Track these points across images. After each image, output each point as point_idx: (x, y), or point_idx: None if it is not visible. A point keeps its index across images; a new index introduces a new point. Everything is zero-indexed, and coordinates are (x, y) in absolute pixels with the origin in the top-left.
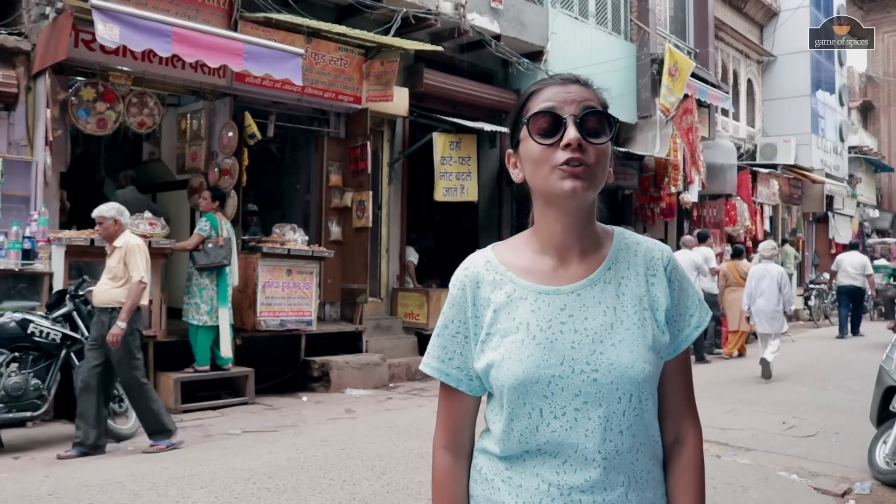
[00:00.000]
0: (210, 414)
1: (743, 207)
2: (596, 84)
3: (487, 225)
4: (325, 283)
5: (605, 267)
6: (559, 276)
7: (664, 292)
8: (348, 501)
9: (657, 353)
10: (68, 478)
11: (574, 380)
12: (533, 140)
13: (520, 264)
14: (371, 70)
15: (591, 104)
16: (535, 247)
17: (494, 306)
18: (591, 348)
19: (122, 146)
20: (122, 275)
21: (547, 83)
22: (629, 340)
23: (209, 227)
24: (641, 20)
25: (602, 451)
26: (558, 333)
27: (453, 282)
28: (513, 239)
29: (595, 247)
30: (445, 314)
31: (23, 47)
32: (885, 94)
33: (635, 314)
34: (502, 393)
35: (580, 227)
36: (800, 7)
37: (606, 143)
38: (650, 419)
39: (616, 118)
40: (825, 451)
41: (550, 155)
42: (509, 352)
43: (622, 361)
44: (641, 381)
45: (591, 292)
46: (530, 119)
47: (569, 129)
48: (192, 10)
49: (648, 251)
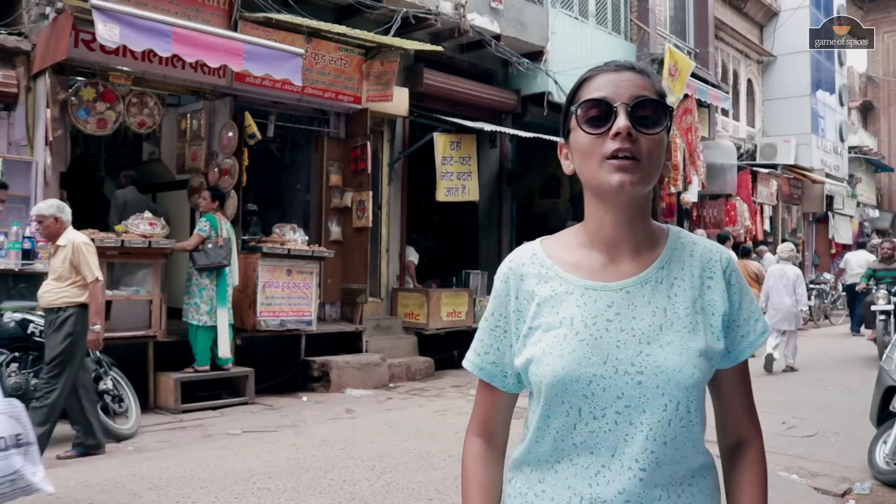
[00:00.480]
0: (210, 414)
1: (743, 207)
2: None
3: (487, 225)
4: (325, 283)
5: (657, 266)
6: (608, 273)
7: (722, 296)
8: (348, 501)
9: (709, 359)
10: (68, 478)
11: (617, 381)
12: (582, 129)
13: (568, 258)
14: (371, 70)
15: (644, 93)
16: (584, 241)
17: (538, 300)
18: (638, 349)
19: (122, 146)
20: (68, 275)
21: (600, 70)
22: (678, 343)
23: (209, 228)
24: (641, 20)
25: (640, 460)
26: (603, 331)
27: (498, 274)
28: (562, 233)
29: (649, 244)
30: (488, 307)
31: (23, 47)
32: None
33: (687, 317)
34: (541, 389)
35: (631, 222)
36: (800, 7)
37: (660, 133)
38: (697, 433)
39: (672, 107)
40: (825, 451)
41: (599, 145)
42: (550, 347)
43: (670, 364)
44: (690, 386)
45: (642, 291)
46: (580, 107)
47: (619, 117)
48: (192, 10)
49: (706, 252)
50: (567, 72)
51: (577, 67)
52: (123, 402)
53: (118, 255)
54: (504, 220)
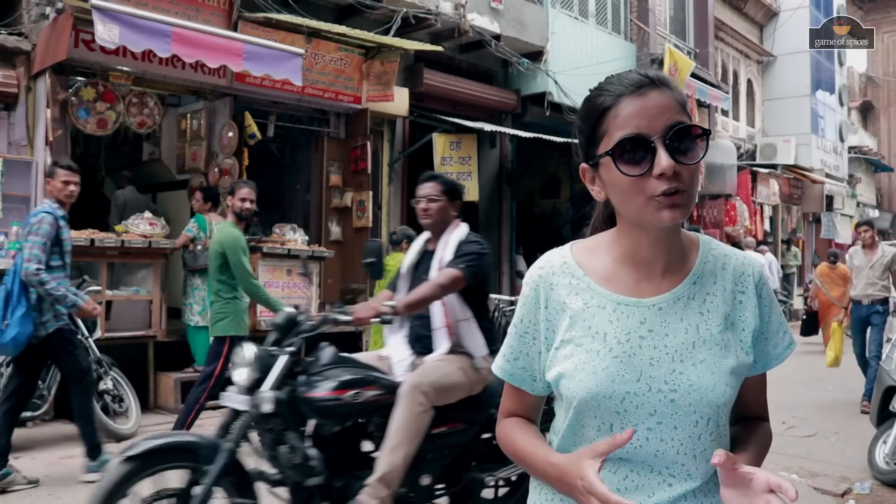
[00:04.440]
0: (210, 414)
1: (743, 208)
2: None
3: (487, 225)
4: (325, 283)
5: (689, 281)
6: (641, 288)
7: (753, 311)
8: None
9: (739, 375)
10: (69, 477)
11: (650, 398)
12: (619, 171)
13: (599, 270)
14: (371, 70)
15: (677, 117)
16: (617, 254)
17: (571, 313)
18: (671, 367)
19: (122, 146)
20: None
21: (619, 92)
22: (711, 361)
23: (196, 228)
24: (641, 20)
25: (671, 472)
26: (637, 348)
27: (526, 280)
28: (594, 239)
29: (680, 259)
30: (517, 312)
31: (23, 47)
32: (885, 94)
33: (720, 333)
34: (572, 403)
35: (668, 242)
36: (800, 7)
37: (701, 160)
38: (725, 444)
39: (708, 129)
40: (825, 451)
41: (642, 185)
42: (583, 362)
43: (703, 383)
44: (721, 404)
45: (674, 308)
46: (614, 149)
47: (659, 154)
48: (192, 11)
49: (738, 266)
50: (567, 72)
51: (576, 67)
52: (123, 402)
53: (118, 255)
54: (504, 220)
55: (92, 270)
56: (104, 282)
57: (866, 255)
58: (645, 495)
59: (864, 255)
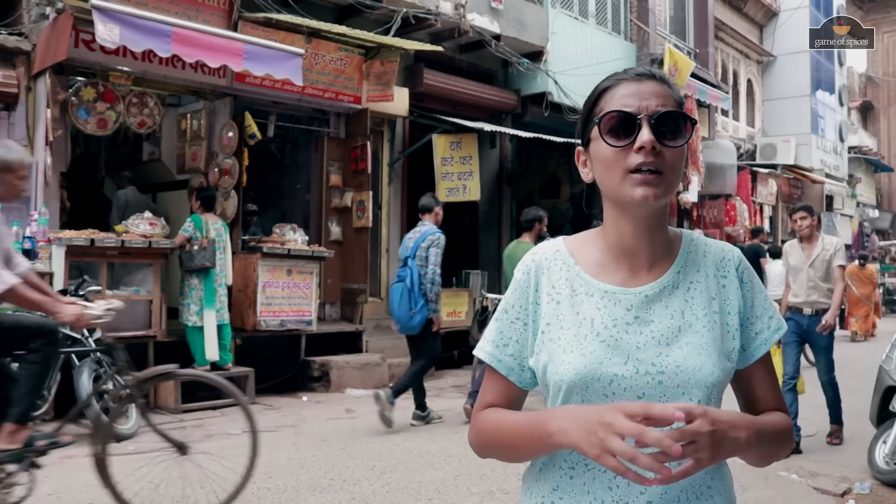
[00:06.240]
0: (210, 414)
1: (743, 207)
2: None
3: (487, 225)
4: (326, 283)
5: (673, 270)
6: (627, 279)
7: (736, 294)
8: (348, 501)
9: (727, 358)
10: (68, 478)
11: (638, 381)
12: (604, 141)
13: (589, 260)
14: (371, 70)
15: (667, 103)
16: (604, 246)
17: (558, 298)
18: (657, 350)
19: (122, 146)
20: None
21: (620, 78)
22: (697, 343)
23: (193, 228)
24: (641, 20)
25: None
26: (623, 333)
27: (519, 266)
28: (584, 234)
29: (665, 250)
30: (507, 298)
31: (23, 47)
32: (885, 94)
33: (705, 317)
34: (560, 388)
35: (651, 232)
36: (800, 7)
37: (683, 146)
38: None
39: (694, 119)
40: (825, 451)
41: (623, 158)
42: (570, 345)
43: (690, 364)
44: (710, 385)
45: (660, 296)
46: (602, 118)
47: (643, 130)
48: (192, 11)
49: (718, 252)
50: (567, 72)
51: (577, 67)
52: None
53: (118, 255)
54: (504, 220)
55: (92, 270)
56: (104, 282)
57: (804, 251)
58: (636, 493)
59: (802, 251)
